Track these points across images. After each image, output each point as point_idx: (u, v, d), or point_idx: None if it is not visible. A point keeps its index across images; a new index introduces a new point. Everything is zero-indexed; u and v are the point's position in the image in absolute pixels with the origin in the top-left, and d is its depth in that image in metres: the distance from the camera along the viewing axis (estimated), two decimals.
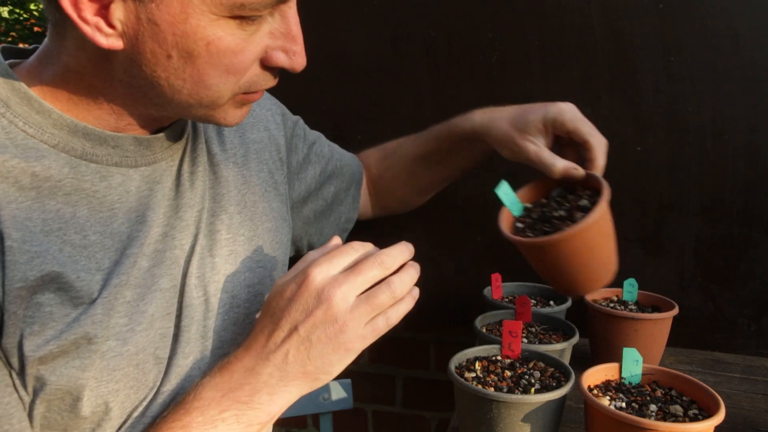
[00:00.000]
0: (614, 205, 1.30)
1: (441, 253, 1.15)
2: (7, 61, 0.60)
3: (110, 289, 0.58)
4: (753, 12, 1.12)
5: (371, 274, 0.60)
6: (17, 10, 4.08)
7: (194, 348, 0.66)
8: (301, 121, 1.01)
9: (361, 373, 1.63)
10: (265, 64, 0.60)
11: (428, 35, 1.32)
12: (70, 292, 0.55)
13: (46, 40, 0.60)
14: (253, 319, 0.74)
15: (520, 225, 0.83)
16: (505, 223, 0.82)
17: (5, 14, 4.11)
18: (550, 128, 0.85)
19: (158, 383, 0.63)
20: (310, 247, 1.00)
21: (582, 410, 0.78)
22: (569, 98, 1.28)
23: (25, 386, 0.55)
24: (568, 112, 0.85)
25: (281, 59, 0.59)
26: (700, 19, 1.15)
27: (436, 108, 1.35)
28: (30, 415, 0.56)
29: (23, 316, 0.53)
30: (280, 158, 0.85)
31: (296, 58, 0.60)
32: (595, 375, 0.78)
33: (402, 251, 0.63)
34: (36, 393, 0.55)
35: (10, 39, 4.10)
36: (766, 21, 1.12)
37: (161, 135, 0.66)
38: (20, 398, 0.55)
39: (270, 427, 0.71)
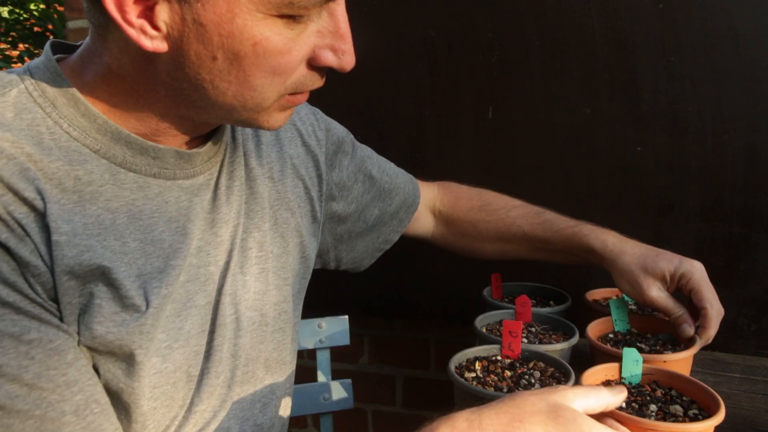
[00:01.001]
0: (614, 205, 1.31)
1: (441, 252, 1.15)
2: (54, 57, 0.59)
3: (159, 300, 0.57)
4: (753, 12, 1.12)
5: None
6: (17, 10, 4.08)
7: (225, 366, 0.65)
8: (350, 137, 0.97)
9: (361, 373, 1.63)
10: (313, 64, 0.58)
11: (428, 35, 1.32)
12: (120, 290, 0.55)
13: (87, 39, 0.59)
14: (280, 337, 0.73)
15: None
16: (595, 331, 0.88)
17: (5, 14, 4.11)
18: (677, 281, 0.90)
19: (188, 401, 0.61)
20: (337, 262, 0.96)
21: None
22: (569, 98, 1.28)
23: None
24: (698, 272, 0.89)
25: (330, 59, 0.57)
26: (700, 19, 1.15)
27: (436, 108, 1.35)
28: None
29: (78, 304, 0.53)
30: (318, 174, 0.83)
31: (346, 57, 0.58)
32: (595, 375, 0.78)
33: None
34: None
35: (10, 39, 4.10)
36: (766, 21, 1.12)
37: (202, 150, 0.64)
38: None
39: None
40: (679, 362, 0.87)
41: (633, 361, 0.74)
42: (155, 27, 0.51)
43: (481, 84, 1.31)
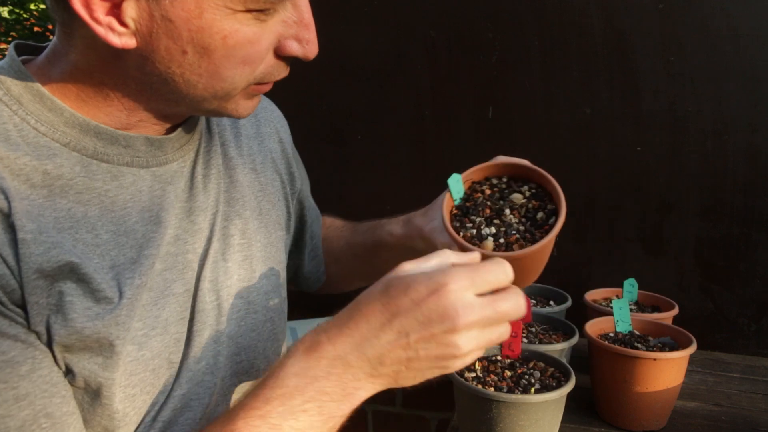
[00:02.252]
0: (614, 205, 1.31)
1: None
2: (20, 58, 0.59)
3: (133, 290, 0.57)
4: (753, 12, 1.12)
5: (505, 317, 0.55)
6: (17, 10, 4.07)
7: (206, 353, 0.65)
8: None
9: None
10: (279, 54, 0.59)
11: (428, 35, 1.32)
12: (91, 284, 0.55)
13: (54, 38, 0.59)
14: (271, 327, 0.73)
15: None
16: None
17: (5, 14, 4.11)
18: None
19: (169, 387, 0.61)
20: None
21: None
22: (569, 98, 1.28)
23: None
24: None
25: (294, 48, 0.59)
26: (700, 19, 1.15)
27: (436, 108, 1.35)
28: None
29: (47, 304, 0.53)
30: (290, 172, 0.85)
31: (309, 46, 0.59)
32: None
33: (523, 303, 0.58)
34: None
35: (10, 39, 4.09)
36: (766, 21, 1.12)
37: (173, 136, 0.65)
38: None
39: None
40: (675, 362, 0.87)
41: (455, 182, 0.70)
42: (123, 24, 0.52)
43: (481, 84, 1.31)
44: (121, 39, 0.52)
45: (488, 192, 0.73)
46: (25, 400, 0.51)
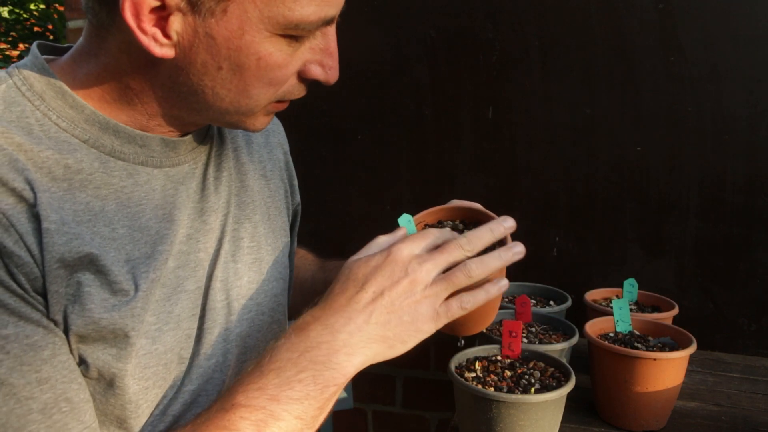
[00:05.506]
0: (614, 205, 1.31)
1: None
2: (43, 56, 0.61)
3: (147, 284, 0.59)
4: (753, 12, 1.12)
5: (454, 254, 0.62)
6: (17, 10, 4.08)
7: (216, 350, 0.66)
8: None
9: (361, 373, 1.63)
10: (302, 76, 0.63)
11: (428, 35, 1.32)
12: (108, 276, 0.56)
13: (81, 39, 0.61)
14: (277, 329, 0.75)
15: None
16: (594, 329, 0.86)
17: (5, 14, 4.11)
18: None
19: (179, 382, 0.63)
20: None
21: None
22: (569, 98, 1.28)
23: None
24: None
25: (318, 72, 0.62)
26: (700, 19, 1.15)
27: (436, 108, 1.35)
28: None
29: (65, 294, 0.54)
30: (292, 184, 0.88)
31: (331, 72, 0.63)
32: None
33: (484, 234, 0.65)
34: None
35: (10, 39, 4.10)
36: (766, 21, 1.12)
37: (186, 138, 0.67)
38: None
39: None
40: (675, 362, 0.87)
41: (407, 222, 0.73)
42: (167, 35, 0.54)
43: (481, 84, 1.31)
44: (162, 49, 0.55)
45: None
46: (47, 384, 0.53)
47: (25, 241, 0.52)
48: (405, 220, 0.72)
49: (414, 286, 0.61)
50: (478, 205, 0.75)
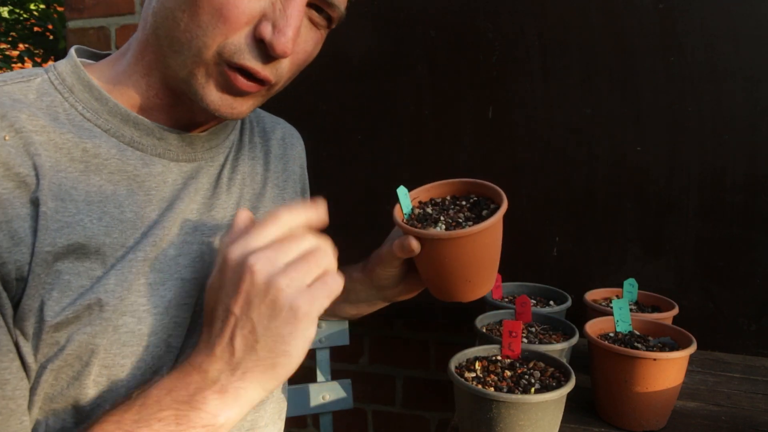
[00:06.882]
0: (614, 205, 1.31)
1: None
2: (79, 59, 0.67)
3: (124, 263, 0.61)
4: (753, 12, 1.12)
5: (283, 233, 0.57)
6: (17, 10, 4.07)
7: None
8: None
9: (361, 373, 1.63)
10: (255, 36, 0.60)
11: (428, 35, 1.32)
12: (92, 259, 0.59)
13: (125, 45, 0.68)
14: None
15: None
16: (594, 329, 0.88)
17: (5, 14, 4.11)
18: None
19: (164, 371, 0.63)
20: None
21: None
22: (569, 98, 1.28)
23: (36, 353, 0.56)
24: None
25: (267, 31, 0.59)
26: (700, 19, 1.15)
27: (436, 108, 1.35)
28: (34, 387, 0.57)
29: (44, 282, 0.56)
30: (305, 198, 0.92)
31: (278, 37, 0.59)
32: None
33: (290, 217, 0.59)
34: (49, 360, 0.56)
35: (10, 39, 4.09)
36: (766, 21, 1.12)
37: (203, 135, 0.71)
38: (26, 366, 0.56)
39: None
40: (675, 362, 0.87)
41: (404, 195, 0.73)
42: None
43: (481, 84, 1.31)
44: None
45: (432, 209, 0.78)
46: None
47: (12, 225, 0.54)
48: (402, 193, 0.73)
49: (258, 281, 0.53)
50: (469, 179, 0.77)
